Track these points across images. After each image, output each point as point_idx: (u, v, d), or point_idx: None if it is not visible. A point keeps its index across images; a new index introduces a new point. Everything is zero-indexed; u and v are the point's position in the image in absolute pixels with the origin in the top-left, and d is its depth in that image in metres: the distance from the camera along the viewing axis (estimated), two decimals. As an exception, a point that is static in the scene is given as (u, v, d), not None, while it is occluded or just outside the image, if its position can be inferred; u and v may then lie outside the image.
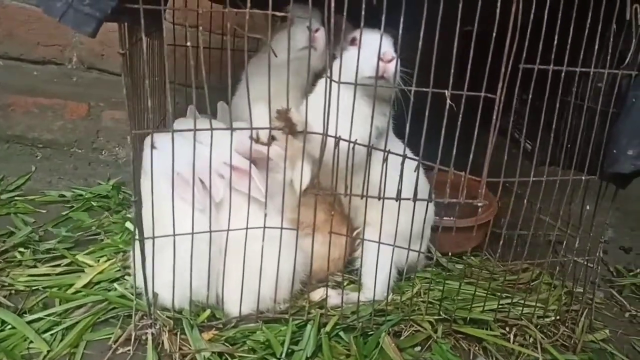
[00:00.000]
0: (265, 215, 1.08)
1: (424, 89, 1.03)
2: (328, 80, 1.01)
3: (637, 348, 1.34)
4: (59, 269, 1.29)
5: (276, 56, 0.99)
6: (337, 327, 1.17)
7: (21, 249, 1.36)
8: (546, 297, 1.38)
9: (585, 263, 1.32)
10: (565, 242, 1.35)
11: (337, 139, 1.05)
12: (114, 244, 1.37)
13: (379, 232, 1.15)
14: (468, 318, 1.24)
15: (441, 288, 1.33)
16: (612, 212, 1.23)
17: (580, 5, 1.02)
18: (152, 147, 1.09)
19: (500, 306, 1.29)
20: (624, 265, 1.85)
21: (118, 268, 1.27)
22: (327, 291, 1.21)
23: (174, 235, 1.03)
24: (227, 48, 1.04)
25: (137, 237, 1.06)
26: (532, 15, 0.99)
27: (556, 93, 1.14)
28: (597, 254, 1.29)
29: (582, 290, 1.38)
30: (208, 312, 1.12)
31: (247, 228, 1.08)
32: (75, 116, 1.89)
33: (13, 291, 1.20)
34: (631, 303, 1.58)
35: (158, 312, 1.09)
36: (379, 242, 1.15)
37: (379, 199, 1.08)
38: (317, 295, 1.25)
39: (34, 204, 1.66)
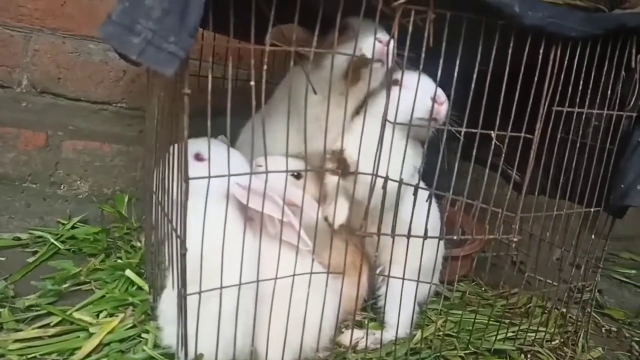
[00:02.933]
0: (313, 260, 1.03)
1: (473, 130, 1.05)
2: (383, 120, 1.00)
3: (625, 363, 1.46)
4: (51, 330, 1.11)
5: (315, 93, 0.97)
6: (376, 370, 1.14)
7: (-4, 309, 1.16)
8: (544, 320, 1.47)
9: (582, 288, 1.43)
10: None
11: (386, 179, 1.03)
12: (114, 296, 1.22)
13: (416, 269, 1.15)
14: (492, 349, 1.27)
15: (451, 319, 1.36)
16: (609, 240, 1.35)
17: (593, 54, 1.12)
18: (199, 158, 0.98)
19: (513, 333, 1.34)
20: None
21: (131, 324, 1.12)
22: (367, 333, 1.18)
23: (221, 287, 0.94)
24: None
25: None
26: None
27: (546, 129, 1.22)
28: (595, 279, 1.40)
29: (573, 313, 1.49)
30: (253, 369, 1.03)
31: (294, 275, 1.02)
32: (30, 147, 1.66)
33: (5, 363, 1.01)
34: (601, 318, 1.73)
35: (198, 374, 0.98)
36: (418, 281, 1.14)
37: (424, 238, 1.08)
38: (348, 338, 1.20)
39: (-13, 250, 1.43)
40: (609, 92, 1.17)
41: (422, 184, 1.16)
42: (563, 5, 1.01)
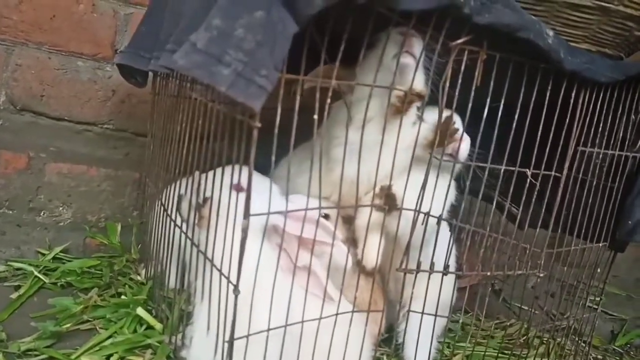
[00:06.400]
0: (355, 299, 1.00)
1: (499, 167, 1.08)
2: (430, 157, 0.99)
3: (621, 391, 1.52)
4: (57, 378, 1.00)
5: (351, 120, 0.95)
6: (405, 410, 1.12)
7: (-11, 356, 1.03)
8: (544, 351, 1.50)
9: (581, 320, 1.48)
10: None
11: (427, 215, 1.03)
12: (129, 338, 1.11)
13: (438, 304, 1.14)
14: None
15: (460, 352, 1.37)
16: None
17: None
18: (239, 188, 0.92)
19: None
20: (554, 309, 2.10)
21: (151, 369, 1.03)
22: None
23: (268, 330, 0.89)
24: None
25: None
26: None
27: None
28: (597, 310, 1.46)
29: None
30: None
31: (337, 314, 0.98)
32: (10, 169, 1.52)
33: (12, 420, 0.89)
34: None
35: None
36: (449, 317, 1.13)
37: (461, 275, 1.08)
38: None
39: (-39, 286, 1.28)
40: (620, 134, 1.24)
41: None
42: (595, 52, 1.06)
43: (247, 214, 0.80)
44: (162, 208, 1.17)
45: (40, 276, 1.37)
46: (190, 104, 1.03)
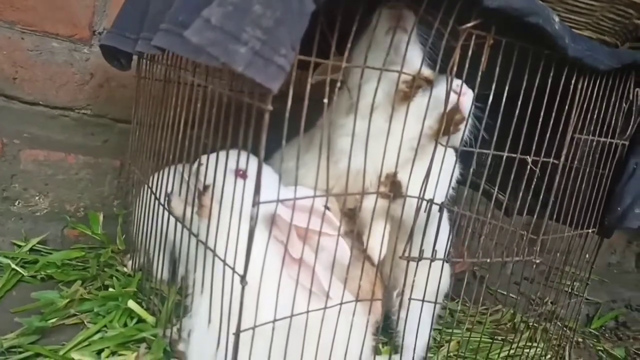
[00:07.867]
0: (360, 287, 0.97)
1: (500, 153, 1.07)
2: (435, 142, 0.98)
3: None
4: (45, 377, 0.95)
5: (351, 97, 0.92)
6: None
7: (-30, 354, 0.96)
8: (531, 335, 1.53)
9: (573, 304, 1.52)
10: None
11: (430, 203, 1.01)
12: (122, 332, 1.06)
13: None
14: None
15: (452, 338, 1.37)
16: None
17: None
18: (242, 174, 0.88)
19: (513, 351, 1.38)
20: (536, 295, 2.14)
21: (148, 365, 0.99)
22: None
23: (274, 321, 0.86)
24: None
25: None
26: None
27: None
28: (583, 296, 1.49)
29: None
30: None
31: (341, 303, 0.96)
32: (-19, 157, 1.43)
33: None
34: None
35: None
36: (446, 304, 1.13)
37: (462, 263, 1.07)
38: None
39: None
40: (613, 122, 1.25)
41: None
42: (595, 40, 1.06)
43: (255, 202, 0.76)
44: (152, 196, 1.11)
45: (18, 269, 1.30)
46: (185, 89, 0.98)
